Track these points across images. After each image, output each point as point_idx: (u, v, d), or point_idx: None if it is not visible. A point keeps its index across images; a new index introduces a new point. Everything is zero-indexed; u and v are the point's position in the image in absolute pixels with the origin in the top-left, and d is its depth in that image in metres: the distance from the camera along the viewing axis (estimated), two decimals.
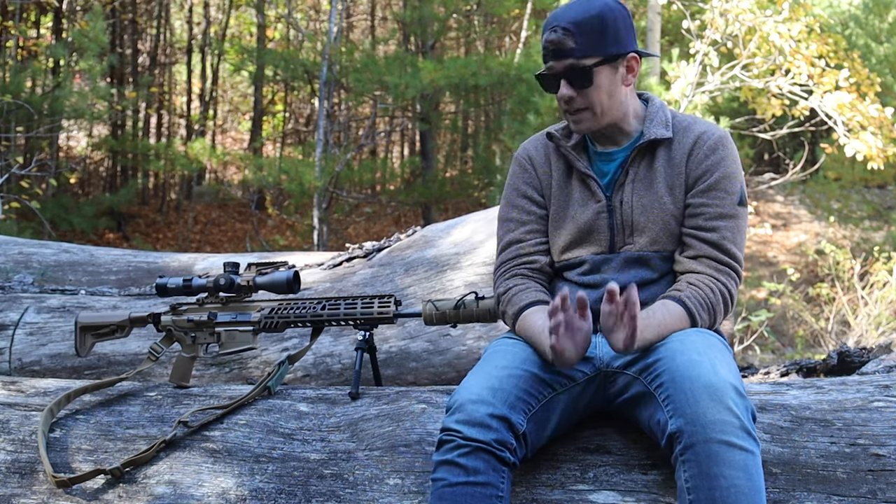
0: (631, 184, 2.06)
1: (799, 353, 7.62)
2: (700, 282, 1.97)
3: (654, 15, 10.23)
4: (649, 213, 2.04)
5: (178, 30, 18.34)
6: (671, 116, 2.10)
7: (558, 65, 2.00)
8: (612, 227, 2.06)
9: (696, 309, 1.93)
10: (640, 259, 2.04)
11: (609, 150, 2.11)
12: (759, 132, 9.53)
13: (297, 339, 3.35)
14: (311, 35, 12.38)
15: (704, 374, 1.70)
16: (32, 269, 4.26)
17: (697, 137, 2.05)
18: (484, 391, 1.80)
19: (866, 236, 11.54)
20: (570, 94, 2.01)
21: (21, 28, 11.72)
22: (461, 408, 1.78)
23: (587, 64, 1.98)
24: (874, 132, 7.40)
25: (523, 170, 2.19)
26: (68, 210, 11.45)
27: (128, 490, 2.05)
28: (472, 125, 16.65)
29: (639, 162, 2.07)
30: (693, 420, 1.66)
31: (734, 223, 2.01)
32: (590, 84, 1.99)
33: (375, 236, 12.44)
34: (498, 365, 1.90)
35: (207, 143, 13.16)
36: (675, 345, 1.82)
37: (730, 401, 1.66)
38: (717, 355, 1.78)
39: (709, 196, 2.02)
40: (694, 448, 1.65)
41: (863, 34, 12.18)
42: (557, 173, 2.14)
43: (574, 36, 1.96)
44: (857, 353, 3.47)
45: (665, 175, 2.05)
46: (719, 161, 2.03)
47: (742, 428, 1.65)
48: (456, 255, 3.54)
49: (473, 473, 1.72)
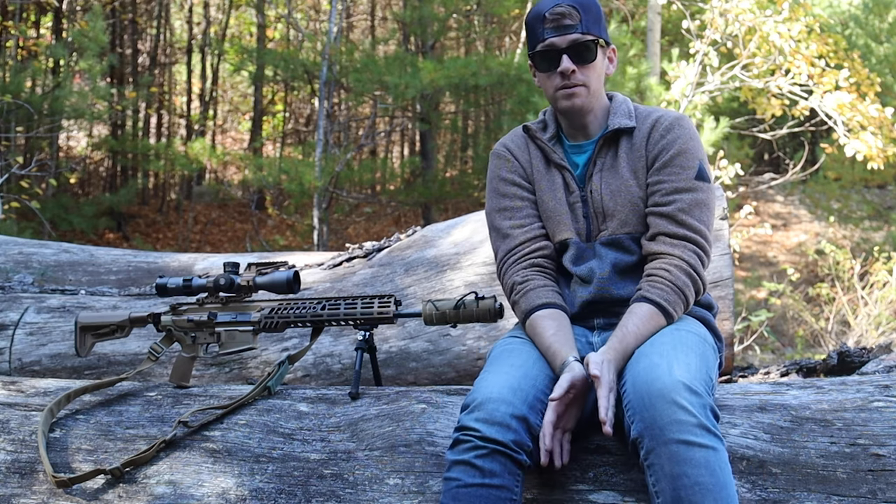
0: (599, 173, 2.13)
1: (799, 353, 7.62)
2: (658, 268, 2.00)
3: (654, 15, 10.23)
4: (617, 198, 2.09)
5: (178, 30, 18.34)
6: (633, 108, 2.18)
7: (561, 40, 2.06)
8: (587, 216, 2.12)
9: (662, 298, 1.96)
10: (613, 242, 2.10)
11: (580, 143, 2.17)
12: (759, 132, 9.53)
13: (297, 339, 3.35)
14: (311, 35, 12.38)
15: (660, 378, 1.71)
16: (32, 269, 4.26)
17: (655, 121, 2.12)
18: (505, 390, 1.80)
19: (866, 236, 11.54)
20: (571, 68, 2.07)
21: (21, 28, 11.72)
22: (481, 406, 1.77)
23: (591, 39, 2.06)
24: (874, 132, 7.40)
25: (505, 160, 2.23)
26: (68, 210, 11.45)
27: (128, 490, 2.05)
28: (472, 125, 16.65)
29: (605, 152, 2.14)
30: (651, 424, 1.67)
31: (691, 196, 2.04)
32: (593, 59, 2.08)
33: (375, 236, 12.44)
34: (514, 364, 1.91)
35: (207, 143, 13.16)
36: (643, 348, 1.86)
37: (682, 400, 1.66)
38: (680, 355, 1.79)
39: (664, 173, 2.07)
40: (655, 451, 1.66)
41: (863, 34, 12.18)
42: (537, 161, 2.20)
43: (580, 12, 2.05)
44: (857, 353, 3.47)
45: (628, 160, 2.11)
46: (675, 139, 2.08)
47: (699, 426, 1.65)
48: (456, 255, 3.54)
49: (490, 475, 1.72)
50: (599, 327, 2.12)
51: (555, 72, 2.08)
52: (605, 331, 2.10)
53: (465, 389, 2.21)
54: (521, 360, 1.92)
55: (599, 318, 2.11)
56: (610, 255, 2.09)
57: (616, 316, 2.06)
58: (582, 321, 2.12)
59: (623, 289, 2.08)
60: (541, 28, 2.07)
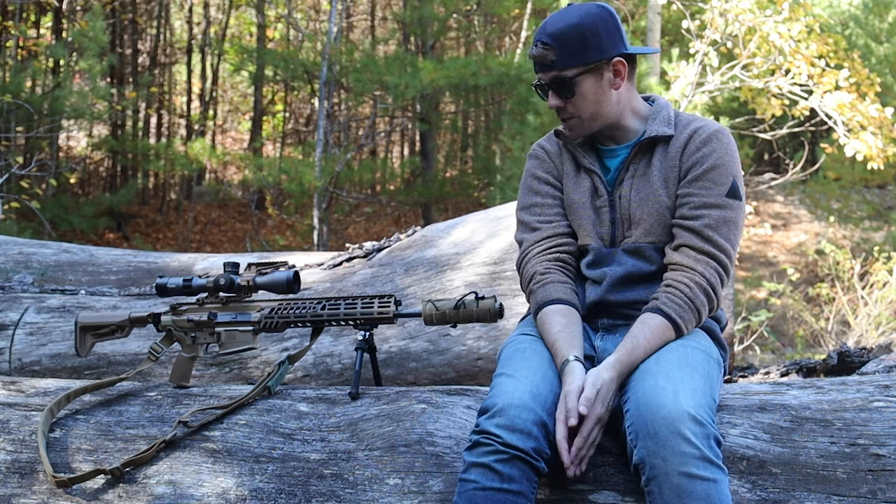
0: (630, 179, 2.11)
1: (799, 353, 7.62)
2: (677, 280, 1.98)
3: (654, 15, 10.23)
4: (645, 206, 2.07)
5: (178, 30, 18.34)
6: (674, 115, 2.13)
7: (545, 77, 2.07)
8: (613, 222, 2.11)
9: (677, 314, 1.95)
10: (636, 250, 2.08)
11: (612, 148, 2.16)
12: (759, 132, 9.53)
13: (297, 339, 3.35)
14: (311, 35, 12.38)
15: (665, 405, 1.70)
16: (32, 269, 4.26)
17: (694, 132, 2.08)
18: (526, 396, 1.80)
19: (866, 236, 11.54)
20: (558, 104, 2.08)
21: (21, 28, 11.72)
22: (503, 412, 1.77)
23: (568, 75, 2.04)
24: (874, 132, 7.40)
25: (540, 160, 2.24)
26: (68, 210, 11.45)
27: (128, 490, 2.05)
28: (472, 125, 16.66)
29: (640, 158, 2.11)
30: (653, 452, 1.67)
31: (720, 213, 2.01)
32: (572, 94, 2.06)
33: (375, 236, 12.44)
34: (531, 367, 1.91)
35: (207, 143, 13.16)
36: (649, 365, 1.85)
37: (687, 431, 1.66)
38: (686, 378, 1.78)
39: (696, 186, 2.04)
40: (656, 480, 1.67)
41: (863, 34, 12.18)
42: (568, 165, 2.20)
43: (554, 49, 2.03)
44: (857, 353, 3.47)
45: (661, 168, 2.08)
46: (710, 152, 2.05)
47: (702, 458, 1.65)
48: (456, 255, 3.54)
49: (508, 481, 1.72)
50: (603, 328, 2.11)
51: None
52: (608, 332, 2.10)
53: (465, 389, 2.21)
54: (536, 363, 1.92)
55: (604, 320, 2.11)
56: (630, 262, 2.08)
57: (621, 318, 2.06)
58: (588, 321, 2.12)
59: (632, 293, 2.08)
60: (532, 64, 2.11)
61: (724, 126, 2.45)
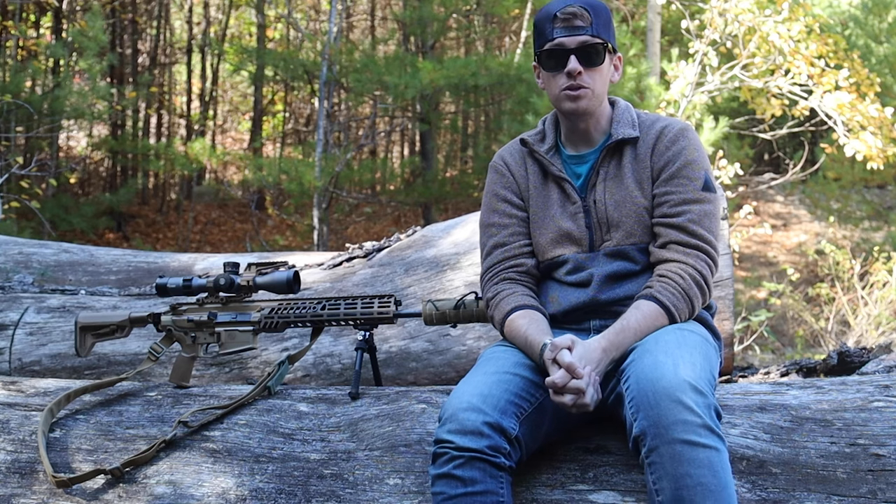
0: (603, 183, 2.12)
1: (799, 353, 7.62)
2: (670, 271, 2.00)
3: (654, 15, 10.23)
4: (622, 208, 2.09)
5: (178, 30, 18.33)
6: (636, 116, 2.17)
7: (570, 40, 2.05)
8: (590, 226, 2.12)
9: (671, 302, 1.96)
10: (619, 253, 2.09)
11: (581, 153, 2.17)
12: (759, 132, 9.53)
13: (297, 339, 3.35)
14: (310, 35, 12.38)
15: (665, 376, 1.71)
16: (32, 269, 4.26)
17: (660, 132, 2.11)
18: (474, 398, 1.81)
19: (866, 236, 11.53)
20: (578, 69, 2.06)
21: (21, 28, 11.71)
22: (452, 417, 1.78)
23: (600, 42, 2.06)
24: (874, 132, 7.40)
25: (500, 175, 2.23)
26: (68, 210, 11.44)
27: (128, 490, 2.05)
28: (472, 125, 16.65)
29: (608, 161, 2.13)
30: (655, 422, 1.67)
31: (699, 207, 2.05)
32: (601, 62, 2.07)
33: (375, 236, 12.43)
34: (488, 371, 1.91)
35: (207, 143, 13.15)
36: (647, 345, 1.85)
37: (688, 400, 1.67)
38: (685, 354, 1.79)
39: (671, 184, 2.07)
40: (658, 450, 1.66)
41: (863, 34, 12.18)
42: (534, 177, 2.19)
43: (591, 14, 2.05)
44: (857, 353, 3.47)
45: (633, 170, 2.11)
46: (680, 150, 2.08)
47: (703, 426, 1.66)
48: (456, 255, 3.54)
49: (471, 483, 1.73)
50: (595, 329, 2.11)
51: (561, 72, 2.07)
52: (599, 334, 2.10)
53: None
54: (496, 367, 1.92)
55: (595, 321, 2.10)
56: (613, 264, 2.09)
57: (612, 317, 2.06)
58: (577, 324, 2.11)
59: (622, 289, 2.08)
60: (550, 27, 2.07)
61: (689, 123, 2.49)
